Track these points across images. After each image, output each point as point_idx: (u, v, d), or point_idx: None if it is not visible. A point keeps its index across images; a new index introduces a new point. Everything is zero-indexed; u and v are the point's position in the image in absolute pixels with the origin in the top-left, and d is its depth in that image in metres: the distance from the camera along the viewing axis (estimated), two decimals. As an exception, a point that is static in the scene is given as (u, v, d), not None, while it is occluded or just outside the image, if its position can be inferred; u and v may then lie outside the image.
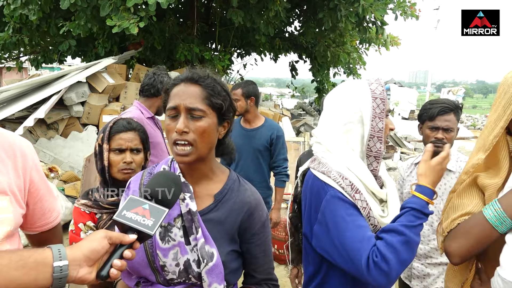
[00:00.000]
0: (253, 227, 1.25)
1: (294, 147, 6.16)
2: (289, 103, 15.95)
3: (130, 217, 0.97)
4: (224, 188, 1.25)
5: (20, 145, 1.16)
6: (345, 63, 10.12)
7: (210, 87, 1.18)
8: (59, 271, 0.85)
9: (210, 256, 1.15)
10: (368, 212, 1.34)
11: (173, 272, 1.17)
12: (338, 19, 7.26)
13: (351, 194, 1.32)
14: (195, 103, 1.14)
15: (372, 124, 1.38)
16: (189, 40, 8.13)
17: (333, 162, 1.39)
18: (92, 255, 0.90)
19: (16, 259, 0.84)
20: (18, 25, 7.75)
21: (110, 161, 1.71)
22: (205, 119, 1.15)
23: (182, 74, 1.21)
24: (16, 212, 1.09)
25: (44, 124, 6.25)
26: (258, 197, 1.29)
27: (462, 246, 1.25)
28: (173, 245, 1.17)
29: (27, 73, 15.36)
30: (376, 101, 1.38)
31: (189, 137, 1.13)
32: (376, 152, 1.40)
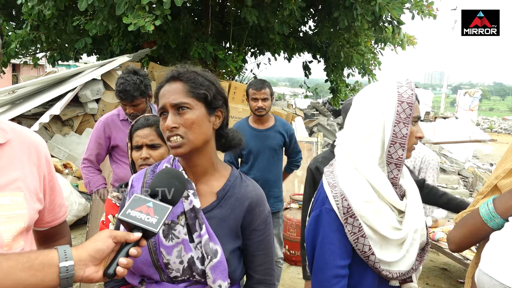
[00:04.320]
0: (253, 222, 1.24)
1: (307, 147, 6.11)
2: (302, 103, 15.90)
3: (135, 216, 0.98)
4: (226, 185, 1.25)
5: (34, 141, 1.17)
6: (359, 63, 10.01)
7: (191, 80, 1.20)
8: (65, 271, 0.86)
9: (214, 253, 1.15)
10: (357, 238, 1.31)
11: (177, 270, 1.17)
12: (354, 17, 7.18)
13: (344, 217, 1.31)
14: (179, 98, 1.17)
15: (395, 129, 1.31)
16: (203, 38, 8.14)
17: (345, 173, 1.36)
18: (97, 254, 0.90)
19: (23, 260, 0.85)
20: (36, 22, 7.87)
21: (132, 158, 1.77)
22: (191, 111, 1.17)
23: (165, 76, 1.24)
24: (30, 208, 1.10)
25: (59, 120, 6.34)
26: (260, 193, 1.29)
27: (457, 235, 1.40)
28: (176, 243, 1.17)
29: (44, 70, 15.62)
30: (402, 105, 1.32)
31: (180, 131, 1.16)
32: (397, 160, 1.33)
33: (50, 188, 1.21)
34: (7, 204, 1.03)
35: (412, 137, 1.36)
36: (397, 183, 1.37)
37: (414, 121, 1.36)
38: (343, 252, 1.33)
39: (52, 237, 1.32)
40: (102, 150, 2.90)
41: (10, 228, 1.03)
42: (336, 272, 1.32)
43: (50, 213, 1.24)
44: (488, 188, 1.45)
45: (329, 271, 1.32)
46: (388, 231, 1.32)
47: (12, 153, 1.09)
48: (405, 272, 1.37)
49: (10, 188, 1.05)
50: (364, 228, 1.31)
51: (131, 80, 2.64)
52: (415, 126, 1.37)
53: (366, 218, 1.30)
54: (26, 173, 1.10)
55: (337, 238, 1.33)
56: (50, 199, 1.22)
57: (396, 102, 1.32)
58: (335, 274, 1.32)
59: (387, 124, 1.32)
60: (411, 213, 1.37)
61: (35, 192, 1.12)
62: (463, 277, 4.25)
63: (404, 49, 10.15)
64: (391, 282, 1.40)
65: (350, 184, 1.33)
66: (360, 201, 1.31)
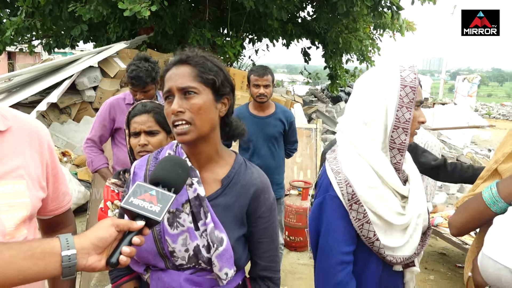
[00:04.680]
0: (258, 209, 1.23)
1: (306, 134, 6.10)
2: (301, 89, 15.83)
3: (137, 204, 0.97)
4: (231, 172, 1.24)
5: (36, 128, 1.15)
6: (357, 49, 9.93)
7: (199, 64, 1.16)
8: (68, 260, 0.85)
9: (219, 241, 1.14)
10: (362, 224, 1.31)
11: (183, 258, 1.16)
12: (353, 2, 7.10)
13: (348, 204, 1.30)
14: (186, 82, 1.14)
15: (398, 114, 1.30)
16: (201, 25, 8.05)
17: (348, 159, 1.35)
18: (100, 243, 0.89)
19: (25, 249, 0.84)
20: (31, 9, 7.75)
21: (130, 145, 1.75)
22: (199, 96, 1.14)
23: (173, 58, 1.21)
24: (33, 197, 1.08)
25: (57, 108, 6.30)
26: (265, 180, 1.27)
27: (459, 219, 1.41)
28: (182, 231, 1.16)
29: (40, 58, 15.46)
30: (405, 89, 1.30)
31: (186, 116, 1.12)
32: (400, 145, 1.32)
33: (53, 176, 1.19)
34: (9, 193, 1.02)
35: (414, 122, 1.34)
36: (400, 168, 1.36)
37: (416, 106, 1.34)
38: (348, 239, 1.33)
39: (57, 226, 1.31)
40: (105, 131, 2.96)
41: (13, 217, 1.02)
42: (341, 258, 1.32)
43: (54, 201, 1.23)
44: (487, 173, 1.45)
45: (334, 258, 1.32)
46: (392, 216, 1.32)
47: (13, 140, 1.07)
48: (408, 256, 1.38)
49: (11, 176, 1.03)
50: (369, 214, 1.30)
51: (143, 67, 2.69)
52: (417, 110, 1.35)
53: (370, 204, 1.30)
54: (28, 160, 1.09)
55: (342, 224, 1.32)
56: (54, 187, 1.20)
57: (399, 86, 1.30)
58: (340, 260, 1.32)
59: (390, 108, 1.30)
60: (414, 198, 1.37)
61: (37, 180, 1.11)
62: (462, 261, 4.29)
63: (403, 35, 10.07)
64: (395, 267, 1.40)
65: (354, 170, 1.32)
66: (365, 187, 1.30)
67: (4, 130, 1.05)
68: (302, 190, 4.54)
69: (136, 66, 2.69)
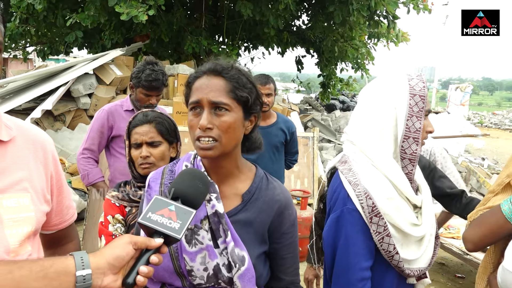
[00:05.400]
0: (282, 226, 1.18)
1: (303, 142, 6.06)
2: (295, 98, 15.84)
3: (156, 220, 0.90)
4: (252, 187, 1.18)
5: (40, 138, 1.10)
6: (353, 58, 9.99)
7: (234, 79, 1.09)
8: (82, 281, 0.80)
9: (241, 260, 1.08)
10: (383, 238, 1.27)
11: (201, 277, 1.10)
12: (350, 12, 7.14)
13: (369, 217, 1.26)
14: (219, 96, 1.06)
15: (408, 123, 1.27)
16: (197, 32, 8.04)
17: (364, 170, 1.31)
18: (117, 262, 0.84)
19: (36, 269, 0.79)
20: (25, 15, 7.69)
21: (131, 156, 1.68)
22: (230, 114, 1.07)
23: (204, 66, 1.13)
24: (38, 211, 1.02)
25: (51, 115, 6.21)
26: (288, 195, 1.22)
27: (476, 234, 1.37)
28: (200, 249, 1.10)
29: (33, 64, 15.33)
30: (415, 98, 1.27)
31: (213, 133, 1.06)
32: (411, 155, 1.29)
33: (57, 188, 1.13)
34: (13, 207, 0.96)
35: (423, 132, 1.31)
36: (412, 178, 1.33)
37: (425, 115, 1.31)
38: (367, 253, 1.29)
39: (60, 241, 1.25)
40: (103, 139, 2.78)
41: (17, 233, 0.95)
42: (361, 274, 1.27)
43: (58, 215, 1.17)
44: (499, 187, 1.43)
45: (355, 274, 1.27)
46: (409, 227, 1.28)
47: (17, 151, 1.01)
48: (423, 268, 1.35)
49: (15, 189, 0.97)
50: (389, 226, 1.27)
51: (159, 70, 2.65)
52: (425, 120, 1.33)
53: (389, 216, 1.26)
54: (32, 172, 1.03)
55: (361, 239, 1.28)
56: (58, 200, 1.14)
57: (408, 95, 1.28)
58: (361, 277, 1.27)
59: (400, 118, 1.28)
60: (428, 208, 1.34)
61: (42, 193, 1.05)
62: (461, 271, 4.26)
63: (397, 45, 10.17)
64: (409, 279, 1.36)
65: (372, 181, 1.28)
66: (383, 198, 1.26)
67: (7, 140, 0.99)
68: (301, 200, 4.49)
69: (151, 70, 2.62)
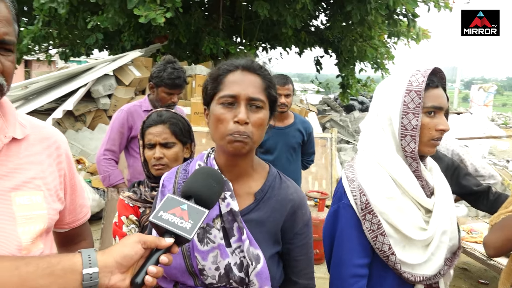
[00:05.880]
0: (295, 226, 1.16)
1: (321, 143, 6.01)
2: (313, 98, 15.74)
3: (167, 219, 0.89)
4: (265, 186, 1.16)
5: (54, 136, 1.10)
6: (372, 58, 9.85)
7: (268, 78, 1.11)
8: (89, 279, 0.78)
9: (256, 259, 1.07)
10: (376, 236, 1.23)
11: (213, 277, 1.08)
12: (368, 11, 7.05)
13: (362, 213, 1.24)
14: (257, 93, 1.07)
15: (403, 121, 1.23)
16: (215, 33, 8.07)
17: (364, 167, 1.29)
18: (125, 261, 0.82)
19: (43, 266, 0.78)
20: (47, 18, 7.85)
21: (145, 156, 1.68)
22: (263, 111, 1.08)
23: (235, 61, 1.12)
24: (50, 209, 1.02)
25: (72, 116, 6.32)
26: (302, 195, 1.20)
27: (497, 238, 1.33)
28: (212, 248, 1.08)
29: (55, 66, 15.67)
30: (410, 94, 1.22)
31: (248, 129, 1.05)
32: (411, 153, 1.24)
33: (71, 187, 1.13)
34: (26, 204, 0.96)
35: (428, 130, 1.24)
36: (419, 176, 1.27)
37: (429, 111, 1.24)
38: (361, 250, 1.26)
39: (73, 240, 1.25)
40: (123, 140, 2.78)
41: (29, 230, 0.95)
42: (354, 271, 1.25)
43: (71, 213, 1.17)
44: None
45: (347, 270, 1.25)
46: (411, 230, 1.23)
47: (31, 149, 1.01)
48: (430, 276, 1.27)
49: (28, 187, 0.98)
50: (384, 225, 1.23)
51: (179, 68, 2.68)
52: (435, 117, 1.25)
53: (387, 215, 1.22)
54: (46, 171, 1.03)
55: (355, 235, 1.25)
56: (71, 198, 1.15)
57: (403, 92, 1.24)
58: (353, 273, 1.25)
59: (394, 115, 1.24)
60: (439, 213, 1.27)
61: (55, 191, 1.05)
62: (484, 277, 4.14)
63: (418, 43, 9.98)
64: (416, 286, 1.30)
65: (369, 178, 1.26)
66: (381, 197, 1.23)
67: (21, 138, 0.99)
68: (318, 201, 4.44)
69: (173, 69, 2.64)
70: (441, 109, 1.24)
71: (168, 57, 2.77)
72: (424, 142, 1.24)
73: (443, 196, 1.30)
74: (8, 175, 0.95)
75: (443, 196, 1.30)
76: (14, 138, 0.97)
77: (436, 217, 1.26)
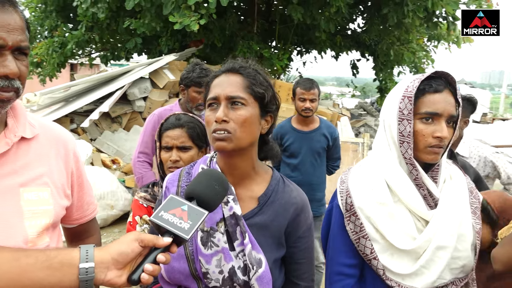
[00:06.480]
0: (299, 230, 1.17)
1: (352, 148, 5.92)
2: (350, 102, 15.50)
3: (167, 219, 0.91)
4: (268, 190, 1.17)
5: (62, 136, 1.16)
6: (410, 62, 9.57)
7: (251, 76, 1.13)
8: (85, 273, 0.82)
9: (258, 263, 1.08)
10: (359, 238, 1.23)
11: (216, 280, 1.09)
12: (404, 14, 6.86)
13: (346, 215, 1.27)
14: (236, 91, 1.09)
15: (400, 127, 1.21)
16: (249, 37, 8.14)
17: (358, 170, 1.31)
18: (121, 258, 0.85)
19: (42, 259, 0.82)
20: (90, 24, 8.23)
21: (161, 158, 1.71)
22: (246, 108, 1.09)
23: (223, 66, 1.16)
24: (57, 205, 1.08)
25: (109, 117, 6.58)
26: (304, 198, 1.21)
27: (507, 252, 1.25)
28: (216, 251, 1.10)
29: (99, 70, 16.36)
30: (404, 100, 1.21)
31: (229, 127, 1.07)
32: (410, 160, 1.21)
33: (78, 184, 1.19)
34: (33, 200, 1.02)
35: (423, 137, 1.19)
36: (420, 184, 1.22)
37: (425, 118, 1.20)
38: (347, 251, 1.28)
39: (81, 235, 1.31)
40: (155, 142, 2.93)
41: (35, 224, 1.01)
42: (338, 269, 1.28)
43: (78, 210, 1.23)
44: None
45: (333, 267, 1.30)
46: (397, 238, 1.19)
47: (40, 148, 1.08)
48: None
49: (36, 183, 1.04)
50: (369, 230, 1.22)
51: (207, 69, 2.78)
52: (432, 124, 1.20)
53: (373, 220, 1.22)
54: (53, 168, 1.09)
55: (342, 234, 1.29)
56: (78, 196, 1.20)
57: (399, 98, 1.23)
58: (337, 271, 1.28)
59: (391, 122, 1.24)
60: (436, 226, 1.20)
61: (62, 188, 1.11)
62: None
63: (459, 47, 9.59)
64: None
65: (359, 181, 1.27)
66: (371, 201, 1.23)
67: (30, 138, 1.06)
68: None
69: (201, 68, 2.76)
70: (438, 115, 1.19)
71: (195, 60, 2.89)
72: (421, 149, 1.21)
73: (448, 210, 1.22)
74: (17, 172, 1.01)
75: (447, 210, 1.22)
76: (23, 137, 1.04)
77: (430, 229, 1.20)
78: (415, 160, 1.22)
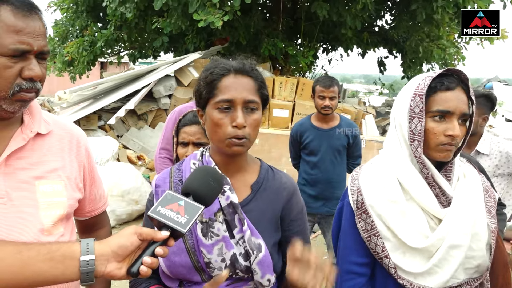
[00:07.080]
0: (291, 212, 1.21)
1: (376, 147, 5.81)
2: (377, 100, 15.24)
3: (164, 214, 0.94)
4: (259, 178, 1.21)
5: (75, 132, 1.22)
6: (440, 59, 9.30)
7: (259, 79, 1.15)
8: (86, 265, 0.85)
9: (258, 248, 1.11)
10: (370, 236, 1.22)
11: (219, 268, 1.12)
12: (433, 10, 6.68)
13: (357, 213, 1.27)
14: (251, 95, 1.11)
15: (410, 126, 1.20)
16: (274, 35, 8.13)
17: (370, 168, 1.31)
18: (120, 250, 0.88)
19: (44, 251, 0.85)
20: (119, 23, 8.45)
21: (177, 153, 1.75)
22: (258, 112, 1.13)
23: (227, 64, 1.16)
24: (70, 197, 1.13)
25: (135, 114, 6.73)
26: (294, 183, 1.25)
27: None
28: (217, 240, 1.13)
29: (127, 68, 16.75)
30: (415, 98, 1.19)
31: (246, 132, 1.10)
32: (420, 158, 1.20)
33: (90, 178, 1.25)
34: (48, 192, 1.07)
35: (434, 135, 1.17)
36: (432, 183, 1.21)
37: (437, 116, 1.18)
38: (359, 249, 1.27)
39: (93, 227, 1.37)
40: None
41: (50, 214, 1.07)
42: (349, 267, 1.27)
43: (91, 203, 1.29)
44: None
45: (344, 266, 1.29)
46: (410, 236, 1.18)
47: (54, 143, 1.13)
48: None
49: (51, 176, 1.09)
50: (381, 228, 1.21)
51: None
52: (444, 122, 1.17)
53: (385, 218, 1.21)
54: (66, 163, 1.15)
55: (353, 233, 1.28)
56: (90, 189, 1.26)
57: (410, 96, 1.21)
58: (348, 269, 1.28)
59: (402, 120, 1.23)
60: (449, 224, 1.18)
61: (75, 181, 1.16)
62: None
63: (492, 43, 9.25)
64: None
65: (370, 179, 1.26)
66: (383, 199, 1.22)
67: (45, 133, 1.12)
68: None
69: None
70: (450, 113, 1.17)
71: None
72: (433, 148, 1.19)
73: (462, 208, 1.20)
74: (33, 165, 1.07)
75: (461, 208, 1.20)
76: (39, 133, 1.10)
77: (443, 227, 1.18)
78: (428, 158, 1.20)
